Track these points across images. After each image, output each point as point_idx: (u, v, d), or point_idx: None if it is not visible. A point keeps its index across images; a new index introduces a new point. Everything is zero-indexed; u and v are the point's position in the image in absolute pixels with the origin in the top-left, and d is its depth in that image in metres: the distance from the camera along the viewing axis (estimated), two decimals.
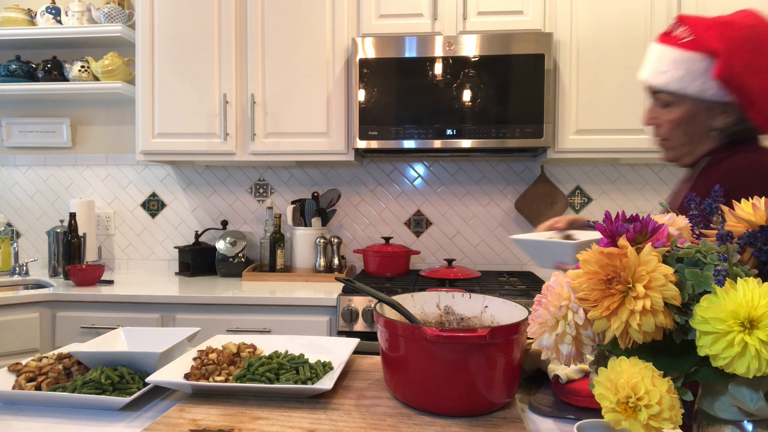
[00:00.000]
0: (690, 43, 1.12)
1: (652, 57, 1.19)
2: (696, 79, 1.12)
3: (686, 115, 1.16)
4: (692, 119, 1.16)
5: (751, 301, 0.52)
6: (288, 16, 2.33)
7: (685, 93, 1.14)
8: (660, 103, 1.20)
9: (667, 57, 1.15)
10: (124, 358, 0.97)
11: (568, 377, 0.88)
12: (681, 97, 1.15)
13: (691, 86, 1.12)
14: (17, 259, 2.57)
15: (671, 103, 1.17)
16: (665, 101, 1.18)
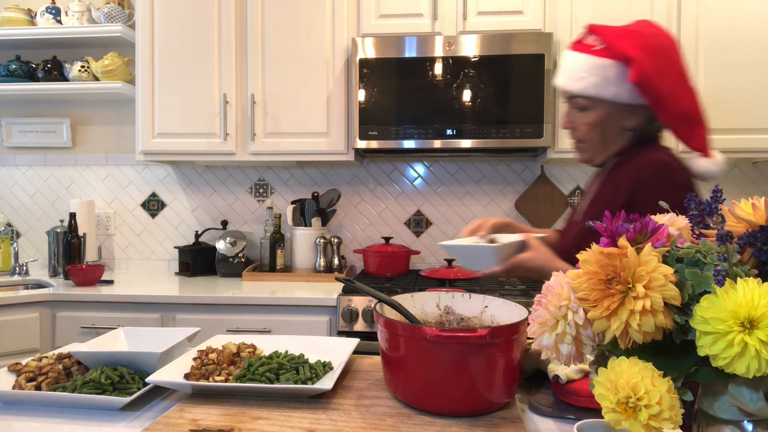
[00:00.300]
0: (603, 51, 1.20)
1: (567, 64, 1.25)
2: (610, 84, 1.19)
3: (602, 117, 1.24)
4: (607, 121, 1.24)
5: (751, 301, 0.52)
6: (288, 16, 2.33)
7: (600, 97, 1.21)
8: (576, 108, 1.26)
9: (583, 64, 1.21)
10: (124, 358, 0.97)
11: (568, 377, 0.88)
12: (597, 101, 1.23)
13: (606, 91, 1.20)
14: (17, 259, 2.57)
15: (587, 107, 1.24)
16: (582, 105, 1.25)
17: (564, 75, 1.25)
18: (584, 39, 1.25)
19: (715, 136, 2.19)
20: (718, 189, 0.62)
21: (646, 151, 1.22)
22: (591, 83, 1.20)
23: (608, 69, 1.19)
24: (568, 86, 1.24)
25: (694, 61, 2.18)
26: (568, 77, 1.24)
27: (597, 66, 1.20)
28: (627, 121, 1.24)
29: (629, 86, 1.18)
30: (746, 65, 2.17)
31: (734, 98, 2.17)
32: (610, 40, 1.19)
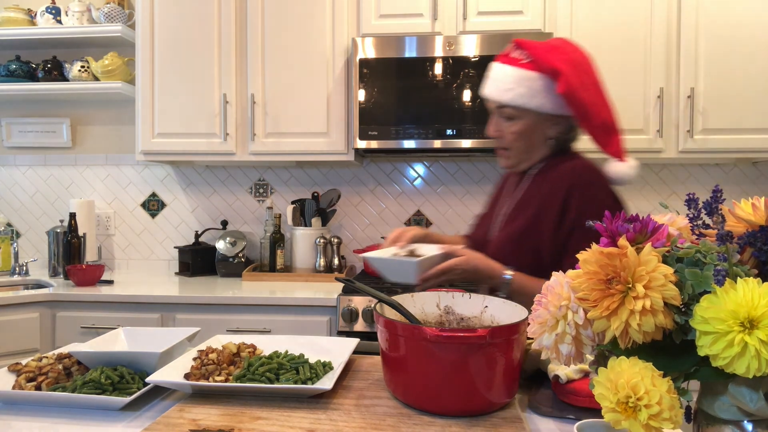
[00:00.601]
0: (530, 64, 1.27)
1: (495, 75, 1.31)
2: (536, 95, 1.27)
3: (527, 127, 1.31)
4: (532, 130, 1.31)
5: (751, 301, 0.52)
6: (288, 16, 2.33)
7: (527, 107, 1.28)
8: (503, 117, 1.32)
9: (511, 75, 1.28)
10: (124, 358, 0.97)
11: (568, 377, 0.88)
12: (524, 111, 1.29)
13: (532, 101, 1.27)
14: (17, 259, 2.57)
15: (514, 117, 1.30)
16: (509, 115, 1.31)
17: (493, 86, 1.31)
18: (511, 53, 1.32)
19: (715, 136, 2.19)
20: (718, 189, 0.62)
21: (570, 159, 1.32)
22: (519, 94, 1.27)
23: (535, 81, 1.26)
24: (497, 96, 1.29)
25: (694, 61, 2.18)
26: (497, 88, 1.30)
27: (525, 78, 1.27)
28: (549, 130, 1.32)
29: (554, 97, 1.26)
30: (746, 65, 2.17)
31: (734, 98, 2.17)
32: (537, 55, 1.26)
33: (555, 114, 1.30)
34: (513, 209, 1.36)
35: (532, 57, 1.27)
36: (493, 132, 1.35)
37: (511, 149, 1.34)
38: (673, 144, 2.22)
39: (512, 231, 1.31)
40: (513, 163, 1.38)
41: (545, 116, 1.30)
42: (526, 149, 1.34)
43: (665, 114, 2.20)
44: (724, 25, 2.17)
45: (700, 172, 2.56)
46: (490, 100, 1.32)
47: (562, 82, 1.23)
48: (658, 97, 2.19)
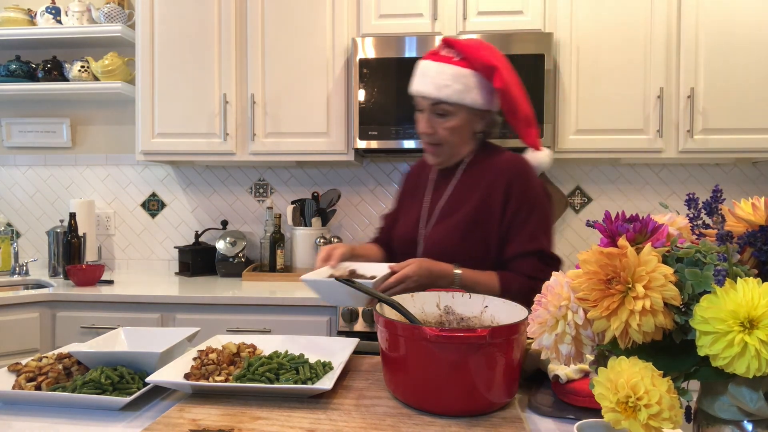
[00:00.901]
0: (464, 62, 1.32)
1: (429, 73, 1.33)
2: (471, 91, 1.32)
3: (461, 122, 1.35)
4: (465, 126, 1.36)
5: (751, 301, 0.52)
6: (288, 17, 2.33)
7: (462, 103, 1.32)
8: (437, 114, 1.34)
9: (446, 73, 1.31)
10: (124, 358, 0.97)
11: (568, 377, 0.88)
12: (459, 107, 1.33)
13: (467, 97, 1.32)
14: (17, 259, 2.57)
15: (449, 113, 1.33)
16: (444, 111, 1.33)
17: (429, 83, 1.32)
18: (440, 51, 1.35)
19: (715, 136, 2.19)
20: (718, 189, 0.62)
21: (499, 152, 1.40)
22: (456, 90, 1.31)
23: (469, 78, 1.32)
24: (434, 93, 1.31)
25: (694, 61, 2.18)
26: (434, 85, 1.31)
27: (460, 75, 1.31)
28: (477, 125, 1.39)
29: (484, 93, 1.33)
30: (746, 65, 2.17)
31: (734, 98, 2.17)
32: (471, 52, 1.32)
33: (483, 109, 1.36)
34: (447, 203, 1.39)
35: (465, 55, 1.32)
36: (427, 129, 1.36)
37: (443, 145, 1.37)
38: (673, 144, 2.22)
39: (457, 222, 1.34)
40: (443, 159, 1.40)
41: (476, 112, 1.36)
42: (458, 144, 1.38)
43: (665, 114, 2.20)
44: (724, 25, 2.17)
45: (700, 172, 2.56)
46: (426, 97, 1.33)
47: (498, 77, 1.31)
48: (658, 97, 2.19)
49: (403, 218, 1.50)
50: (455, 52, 1.34)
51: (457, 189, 1.40)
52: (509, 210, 1.31)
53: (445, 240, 1.34)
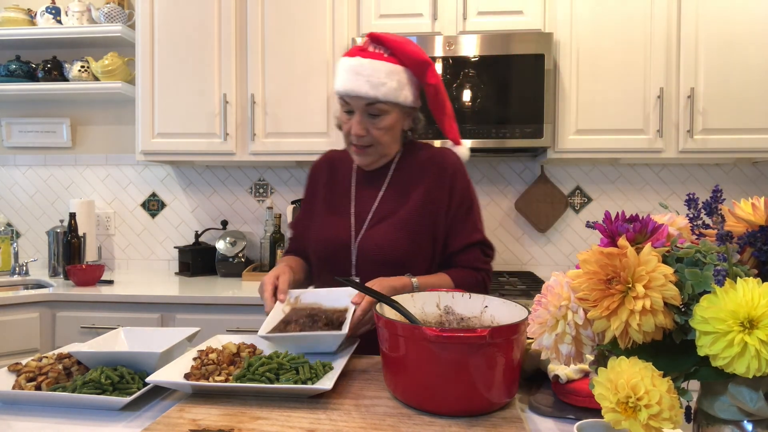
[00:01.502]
0: (393, 58, 1.27)
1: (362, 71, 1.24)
2: (403, 88, 1.27)
3: (395, 121, 1.30)
4: (397, 125, 1.31)
5: (751, 301, 0.52)
6: (288, 16, 2.33)
7: (396, 101, 1.27)
8: (370, 113, 1.27)
9: (381, 70, 1.24)
10: (124, 358, 0.97)
11: (568, 377, 0.88)
12: (393, 105, 1.27)
13: (401, 95, 1.27)
14: (17, 259, 2.57)
15: (383, 112, 1.27)
16: (380, 110, 1.27)
17: (363, 81, 1.24)
18: (368, 47, 1.28)
19: (715, 136, 2.19)
20: (718, 189, 0.62)
21: (427, 147, 1.39)
22: (391, 88, 1.25)
23: (401, 74, 1.26)
24: (371, 92, 1.24)
25: (694, 61, 2.18)
26: (369, 83, 1.23)
27: (393, 72, 1.25)
28: (406, 123, 1.35)
29: (413, 90, 1.30)
30: (746, 65, 2.17)
31: (734, 98, 2.17)
32: (401, 48, 1.27)
33: (412, 107, 1.33)
34: (382, 204, 1.33)
35: (394, 51, 1.27)
36: (361, 130, 1.27)
37: (376, 146, 1.30)
38: (673, 144, 2.22)
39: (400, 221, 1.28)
40: (373, 160, 1.34)
41: (406, 110, 1.32)
42: (389, 144, 1.32)
43: (665, 114, 2.20)
44: (724, 25, 2.17)
45: (700, 172, 2.56)
46: (361, 97, 1.24)
47: (432, 73, 1.29)
48: (658, 97, 2.19)
49: (325, 224, 1.37)
50: (384, 48, 1.27)
51: (390, 189, 1.35)
52: (454, 203, 1.30)
53: (388, 242, 1.27)
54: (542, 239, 2.63)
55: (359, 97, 1.25)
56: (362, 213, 1.34)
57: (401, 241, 1.27)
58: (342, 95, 1.28)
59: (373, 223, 1.32)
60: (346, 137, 1.32)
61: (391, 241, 1.27)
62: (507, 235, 2.64)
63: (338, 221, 1.35)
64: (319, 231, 1.37)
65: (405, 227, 1.28)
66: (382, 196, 1.34)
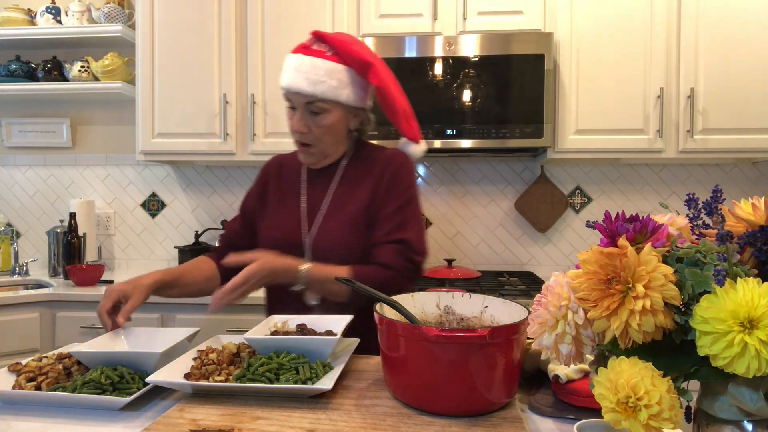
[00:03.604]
0: (336, 57, 1.27)
1: (302, 68, 1.25)
2: (345, 87, 1.27)
3: (337, 120, 1.30)
4: (340, 123, 1.31)
5: (751, 301, 0.52)
6: (288, 16, 2.33)
7: (337, 100, 1.27)
8: (311, 111, 1.28)
9: (322, 68, 1.25)
10: (124, 358, 0.97)
11: (568, 377, 0.88)
12: (334, 104, 1.28)
13: (342, 94, 1.27)
14: (17, 259, 2.57)
15: (324, 111, 1.28)
16: (320, 109, 1.27)
17: (302, 78, 1.24)
18: (311, 44, 1.29)
19: (715, 136, 2.19)
20: (718, 189, 0.62)
21: (379, 148, 1.39)
22: (331, 87, 1.25)
23: (343, 73, 1.27)
24: (309, 89, 1.24)
25: (694, 61, 2.18)
26: (308, 81, 1.24)
27: (334, 70, 1.26)
28: (352, 122, 1.35)
29: (359, 90, 1.30)
30: (746, 65, 2.17)
31: (734, 98, 2.17)
32: (344, 47, 1.27)
33: (357, 107, 1.33)
34: (332, 201, 1.34)
35: (337, 50, 1.27)
36: (302, 128, 1.29)
37: (318, 144, 1.31)
38: (673, 144, 2.22)
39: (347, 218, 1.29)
40: (317, 159, 1.35)
41: (350, 109, 1.32)
42: (332, 143, 1.33)
43: (665, 114, 2.20)
44: (724, 24, 2.17)
45: (700, 172, 2.56)
46: (300, 94, 1.25)
47: (374, 75, 1.28)
48: (658, 97, 2.19)
49: (276, 220, 1.38)
50: (327, 46, 1.28)
51: (341, 186, 1.35)
52: (388, 198, 1.30)
53: (335, 238, 1.29)
54: (542, 239, 2.63)
55: (299, 94, 1.26)
56: (313, 210, 1.35)
57: (351, 236, 1.29)
58: (284, 91, 1.29)
59: (324, 219, 1.33)
60: (292, 134, 1.33)
61: (342, 236, 1.29)
62: (507, 235, 2.64)
63: (289, 219, 1.36)
64: (270, 227, 1.37)
65: (354, 223, 1.29)
66: (333, 194, 1.35)
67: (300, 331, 1.08)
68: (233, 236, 1.46)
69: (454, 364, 0.80)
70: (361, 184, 1.33)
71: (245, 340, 0.99)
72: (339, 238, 1.29)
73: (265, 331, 1.09)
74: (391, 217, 1.29)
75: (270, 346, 0.99)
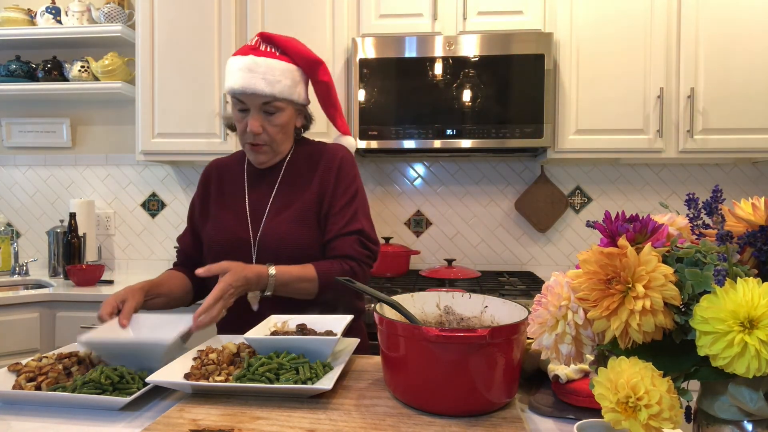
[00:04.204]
0: (285, 57, 1.31)
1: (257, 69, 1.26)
2: (296, 86, 1.32)
3: (289, 119, 1.34)
4: (290, 122, 1.35)
5: (751, 301, 0.52)
6: (288, 16, 2.33)
7: (291, 99, 1.31)
8: (266, 111, 1.30)
9: (277, 68, 1.28)
10: (134, 347, 0.98)
11: (568, 377, 0.88)
12: (287, 103, 1.31)
13: (295, 93, 1.32)
14: (17, 259, 2.57)
15: (278, 110, 1.30)
16: (276, 108, 1.30)
17: (260, 79, 1.25)
18: (259, 46, 1.30)
19: (715, 136, 2.19)
20: (718, 189, 0.62)
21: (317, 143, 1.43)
22: (286, 86, 1.28)
23: (294, 73, 1.31)
24: (268, 90, 1.26)
25: (694, 61, 2.18)
26: (265, 81, 1.25)
27: (287, 70, 1.29)
28: (298, 120, 1.40)
29: (304, 88, 1.36)
30: (746, 65, 2.17)
31: (734, 98, 2.17)
32: (293, 47, 1.32)
33: (304, 104, 1.38)
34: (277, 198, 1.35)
35: (285, 50, 1.31)
36: (257, 128, 1.29)
37: (271, 143, 1.33)
38: (673, 144, 2.22)
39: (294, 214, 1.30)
40: (270, 158, 1.36)
41: (299, 107, 1.37)
42: (283, 142, 1.36)
43: (665, 114, 2.20)
44: (724, 24, 2.17)
45: (700, 172, 2.56)
46: (257, 94, 1.26)
47: (324, 71, 1.36)
48: (658, 97, 2.19)
49: (222, 223, 1.37)
50: (275, 47, 1.31)
51: (283, 184, 1.36)
52: (337, 192, 1.33)
53: (282, 234, 1.29)
54: (542, 239, 2.63)
55: (255, 95, 1.26)
56: (258, 209, 1.36)
57: (299, 233, 1.30)
58: (236, 93, 1.28)
59: (270, 218, 1.33)
60: (242, 136, 1.33)
61: (290, 233, 1.29)
62: (507, 235, 2.64)
63: (234, 219, 1.36)
64: (216, 231, 1.37)
65: (301, 219, 1.30)
66: (276, 192, 1.36)
67: (300, 331, 1.09)
68: (188, 249, 1.48)
69: (454, 364, 0.80)
70: (305, 180, 1.36)
71: (245, 340, 1.00)
72: (286, 235, 1.29)
73: (265, 331, 1.09)
74: (344, 210, 1.32)
75: (270, 346, 0.99)
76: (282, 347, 0.98)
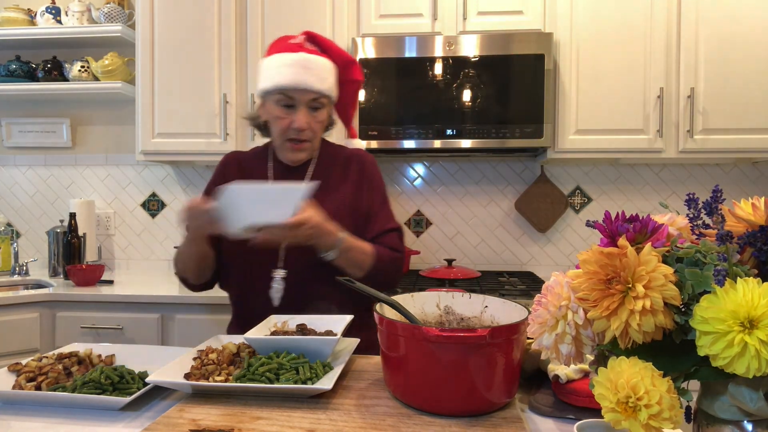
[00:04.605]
0: (327, 55, 1.34)
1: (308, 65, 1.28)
2: (335, 84, 1.36)
3: (328, 115, 1.38)
4: (327, 119, 1.39)
5: (751, 301, 0.52)
6: (288, 16, 2.33)
7: (331, 96, 1.35)
8: (312, 108, 1.32)
9: (324, 66, 1.32)
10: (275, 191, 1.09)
11: (568, 377, 0.88)
12: (329, 100, 1.35)
13: (334, 91, 1.36)
14: (17, 259, 2.57)
15: (323, 106, 1.33)
16: (321, 104, 1.33)
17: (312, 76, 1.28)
18: (304, 44, 1.33)
19: (715, 136, 2.19)
20: (718, 189, 0.62)
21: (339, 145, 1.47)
22: (331, 84, 1.33)
23: (334, 71, 1.35)
24: (318, 86, 1.28)
25: (694, 61, 2.18)
26: (316, 77, 1.28)
27: (330, 68, 1.34)
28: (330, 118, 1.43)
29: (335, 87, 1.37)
30: (746, 65, 2.17)
31: (734, 98, 2.17)
32: (330, 46, 1.37)
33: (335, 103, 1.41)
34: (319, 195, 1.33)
35: (325, 49, 1.36)
36: (306, 124, 1.30)
37: (313, 140, 1.35)
38: (673, 144, 2.22)
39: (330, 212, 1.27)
40: (309, 154, 1.39)
41: (333, 105, 1.41)
42: (319, 138, 1.40)
43: (665, 114, 2.20)
44: (724, 25, 2.17)
45: (700, 172, 2.56)
46: (309, 90, 1.28)
47: (358, 70, 1.40)
48: (658, 97, 2.19)
49: None
50: (317, 46, 1.35)
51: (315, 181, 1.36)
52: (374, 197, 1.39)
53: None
54: (542, 239, 2.63)
55: (307, 91, 1.28)
56: None
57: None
58: (286, 89, 1.28)
59: None
60: (283, 133, 1.32)
61: None
62: (507, 235, 2.64)
63: None
64: None
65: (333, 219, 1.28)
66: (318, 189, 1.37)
67: (300, 331, 1.09)
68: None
69: (454, 364, 0.80)
70: (336, 181, 1.38)
71: (245, 340, 1.00)
72: None
73: (265, 331, 1.09)
74: (383, 208, 1.40)
75: (270, 346, 0.99)
76: (282, 347, 0.98)
